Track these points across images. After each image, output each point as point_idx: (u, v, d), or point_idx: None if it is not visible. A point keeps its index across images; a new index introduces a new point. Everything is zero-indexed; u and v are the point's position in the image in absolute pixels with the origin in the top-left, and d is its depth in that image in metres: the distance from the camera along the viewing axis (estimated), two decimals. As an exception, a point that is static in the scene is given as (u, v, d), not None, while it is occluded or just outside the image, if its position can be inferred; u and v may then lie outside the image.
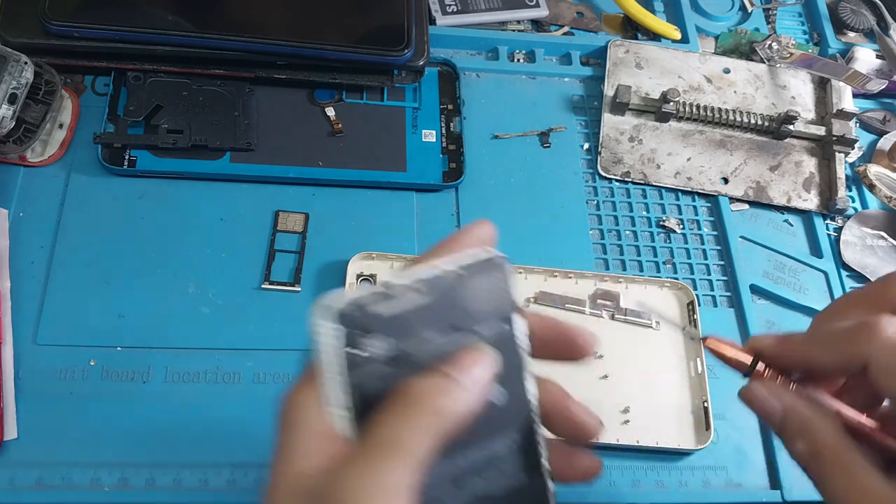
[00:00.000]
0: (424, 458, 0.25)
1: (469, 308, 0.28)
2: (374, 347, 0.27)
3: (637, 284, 0.48)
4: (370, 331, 0.27)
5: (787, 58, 0.59)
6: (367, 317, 0.27)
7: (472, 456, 0.28)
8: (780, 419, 0.32)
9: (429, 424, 0.25)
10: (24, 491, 0.38)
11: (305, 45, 0.49)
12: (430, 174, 0.50)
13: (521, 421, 0.29)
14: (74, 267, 0.44)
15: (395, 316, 0.27)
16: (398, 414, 0.25)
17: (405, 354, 0.27)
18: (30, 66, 0.45)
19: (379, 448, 0.25)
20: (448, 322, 0.28)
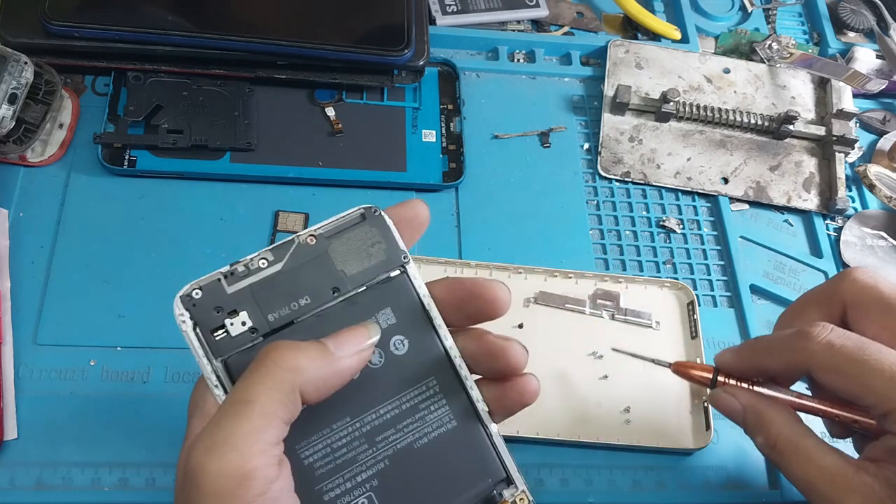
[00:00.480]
0: (278, 413, 0.25)
1: (344, 267, 0.28)
2: (232, 325, 0.27)
3: (637, 284, 0.48)
4: (223, 309, 0.27)
5: (787, 58, 0.59)
6: (215, 297, 0.27)
7: (382, 411, 0.28)
8: (741, 417, 0.36)
9: (279, 379, 0.25)
10: (24, 491, 0.38)
11: (305, 45, 0.49)
12: (430, 174, 0.50)
13: (438, 365, 0.29)
14: (74, 267, 0.44)
15: (245, 290, 0.28)
16: (252, 372, 0.26)
17: (279, 323, 0.28)
18: (30, 66, 0.45)
19: (230, 406, 0.25)
20: (323, 285, 0.28)
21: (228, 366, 0.27)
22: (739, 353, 0.38)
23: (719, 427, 0.45)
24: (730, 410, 0.37)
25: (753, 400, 0.36)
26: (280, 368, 0.25)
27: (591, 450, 0.43)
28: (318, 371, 0.26)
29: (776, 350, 0.36)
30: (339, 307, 0.28)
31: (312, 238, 0.28)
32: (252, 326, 0.27)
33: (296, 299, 0.28)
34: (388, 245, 0.29)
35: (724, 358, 0.38)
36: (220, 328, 0.27)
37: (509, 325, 0.46)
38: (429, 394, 0.29)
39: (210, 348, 0.27)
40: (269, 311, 0.28)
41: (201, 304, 0.27)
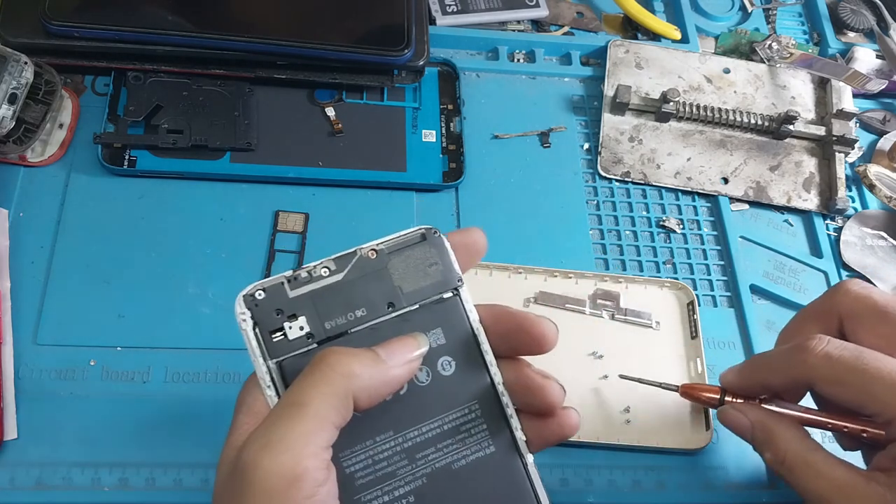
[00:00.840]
0: (331, 417, 0.25)
1: (401, 284, 0.29)
2: (290, 328, 0.28)
3: (637, 284, 0.48)
4: (283, 312, 0.28)
5: (787, 58, 0.59)
6: (277, 300, 0.28)
7: (424, 429, 0.28)
8: (750, 433, 0.37)
9: (333, 384, 0.26)
10: (24, 491, 0.38)
11: (305, 45, 0.49)
12: (430, 174, 0.50)
13: (482, 390, 0.29)
14: (74, 267, 0.44)
15: (306, 296, 0.28)
16: (308, 375, 0.26)
17: (335, 332, 0.28)
18: (30, 66, 0.45)
19: (285, 407, 0.26)
20: (379, 299, 0.29)
21: (282, 368, 0.28)
22: (742, 372, 0.38)
23: (719, 427, 0.45)
24: (738, 427, 0.37)
25: (761, 416, 0.36)
26: (335, 373, 0.26)
27: (591, 450, 0.43)
28: (370, 378, 0.26)
29: (776, 366, 0.36)
30: (393, 322, 0.29)
31: (374, 252, 0.29)
32: (309, 332, 0.28)
33: (352, 310, 0.28)
34: (444, 267, 0.30)
35: (728, 378, 0.39)
36: (278, 330, 0.28)
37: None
38: (470, 417, 0.29)
39: (266, 349, 0.28)
40: (326, 319, 0.28)
41: (263, 304, 0.28)
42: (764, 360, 0.38)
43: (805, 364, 0.34)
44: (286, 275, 0.28)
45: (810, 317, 0.39)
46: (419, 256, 0.29)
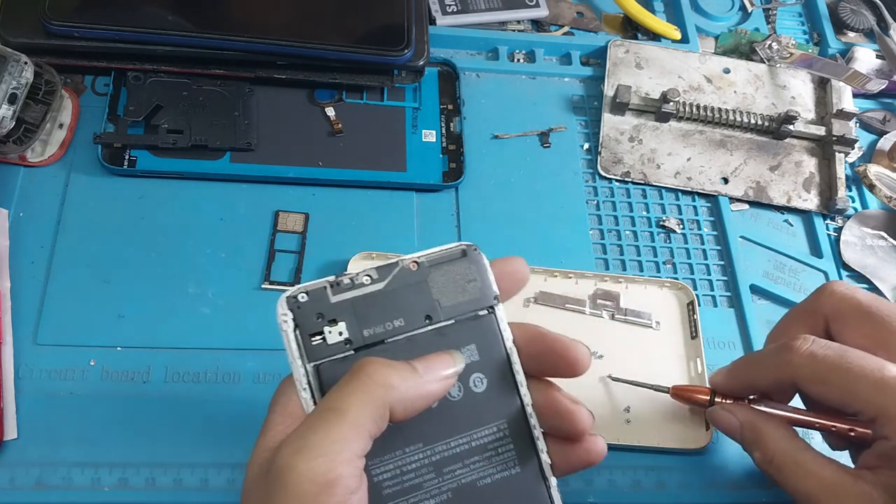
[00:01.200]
0: (367, 426, 0.26)
1: (439, 297, 0.29)
2: (330, 332, 0.28)
3: (637, 284, 0.48)
4: (324, 316, 0.28)
5: (787, 58, 0.59)
6: (319, 304, 0.28)
7: (453, 444, 0.29)
8: (739, 434, 0.37)
9: (372, 393, 0.26)
10: (24, 491, 0.38)
11: (305, 45, 0.49)
12: (430, 174, 0.50)
13: (510, 410, 0.29)
14: (74, 267, 0.44)
15: (347, 302, 0.28)
16: (347, 383, 0.26)
17: (372, 340, 0.28)
18: (30, 66, 0.45)
19: (323, 412, 0.26)
20: (417, 311, 0.29)
21: (319, 371, 0.28)
22: (730, 373, 0.39)
23: (719, 427, 0.45)
24: (728, 427, 0.37)
25: (750, 416, 0.37)
26: (374, 383, 0.26)
27: None
28: (406, 390, 0.27)
29: (763, 366, 0.37)
30: (429, 335, 0.29)
31: (415, 264, 0.29)
32: (347, 338, 0.28)
33: (391, 319, 0.29)
34: (482, 284, 0.30)
35: (717, 379, 0.39)
36: (317, 334, 0.28)
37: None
38: (499, 436, 0.29)
39: (305, 351, 0.28)
40: (364, 327, 0.28)
41: (305, 307, 0.28)
42: (751, 360, 0.39)
43: (790, 364, 0.35)
44: (329, 280, 0.28)
45: (797, 317, 0.39)
46: (458, 272, 0.30)
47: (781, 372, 0.36)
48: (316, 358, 0.28)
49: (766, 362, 0.37)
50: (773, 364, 0.36)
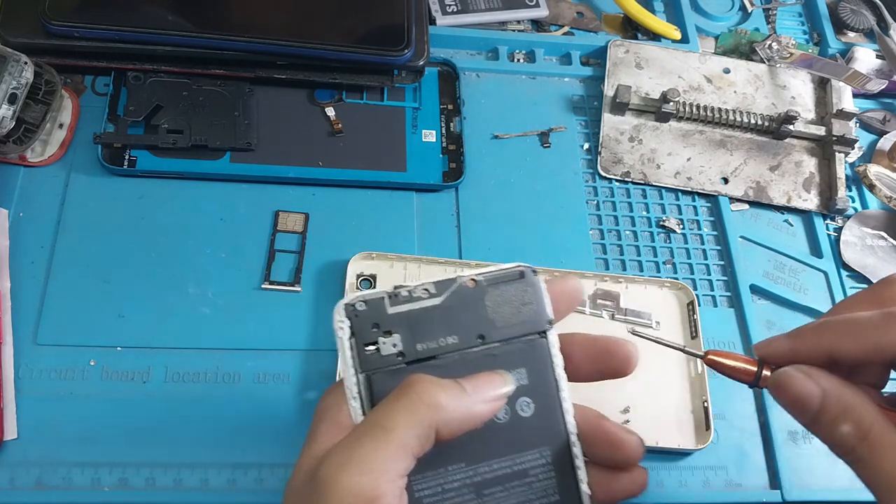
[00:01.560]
0: (412, 446, 0.25)
1: (494, 318, 0.29)
2: (384, 343, 0.28)
3: (637, 284, 0.48)
4: (380, 327, 0.28)
5: (787, 58, 0.59)
6: (376, 313, 0.28)
7: (495, 466, 0.29)
8: (818, 404, 0.30)
9: (419, 413, 0.26)
10: (24, 491, 0.38)
11: (305, 45, 0.49)
12: (430, 174, 0.50)
13: (555, 437, 0.29)
14: (74, 267, 0.44)
15: (403, 314, 0.28)
16: (395, 400, 0.26)
17: (424, 354, 0.28)
18: (30, 66, 0.45)
19: (369, 428, 0.26)
20: (471, 329, 0.29)
21: (370, 381, 0.28)
22: (801, 337, 0.31)
23: (719, 427, 0.45)
24: (803, 394, 0.30)
25: (836, 385, 0.30)
26: (422, 403, 0.26)
27: None
28: (454, 411, 0.26)
29: (858, 333, 0.30)
30: (480, 355, 0.29)
31: (473, 282, 0.29)
32: (401, 350, 0.28)
33: (444, 336, 0.29)
34: (537, 307, 0.29)
35: (772, 347, 0.32)
36: (372, 344, 0.28)
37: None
38: (541, 462, 0.29)
39: (358, 360, 0.28)
40: (418, 341, 0.28)
41: (362, 316, 0.28)
42: (838, 324, 0.31)
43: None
44: (387, 290, 0.28)
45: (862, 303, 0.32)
46: (514, 293, 0.29)
47: (884, 341, 0.29)
48: (368, 368, 0.28)
49: (863, 329, 0.30)
50: (872, 330, 0.29)
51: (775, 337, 0.32)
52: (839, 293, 0.51)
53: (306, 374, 0.43)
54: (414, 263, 0.47)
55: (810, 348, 0.31)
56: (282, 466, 0.41)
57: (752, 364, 0.31)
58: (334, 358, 0.43)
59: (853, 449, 0.29)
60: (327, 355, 0.44)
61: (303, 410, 0.42)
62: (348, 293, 0.28)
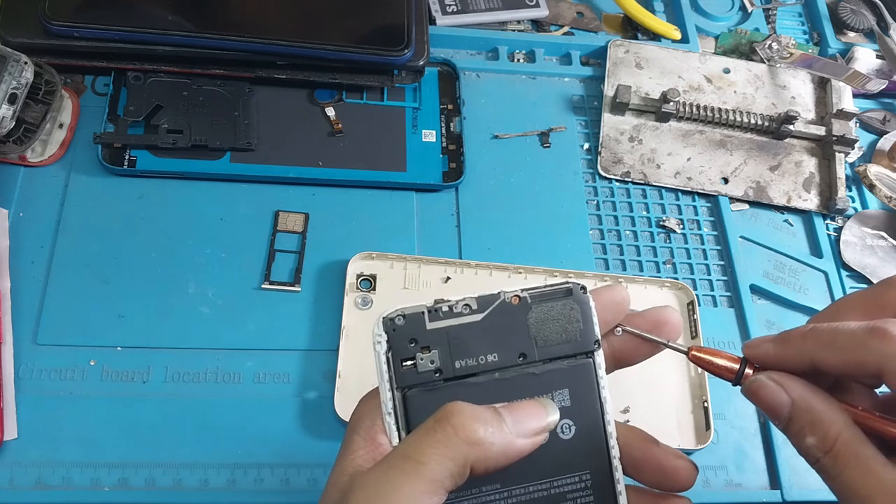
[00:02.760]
0: (445, 482, 0.25)
1: (537, 336, 0.28)
2: (422, 360, 0.27)
3: (637, 284, 0.48)
4: (418, 343, 0.27)
5: (787, 58, 0.59)
6: (414, 329, 0.27)
7: (532, 489, 0.28)
8: (787, 413, 0.30)
9: (455, 449, 0.25)
10: (23, 491, 0.38)
11: (305, 45, 0.49)
12: (430, 174, 0.50)
13: (596, 461, 0.28)
14: (74, 267, 0.44)
15: (442, 330, 0.27)
16: (431, 431, 0.25)
17: (462, 372, 0.27)
18: (30, 66, 0.45)
19: (401, 460, 0.25)
20: (513, 347, 0.28)
21: (406, 398, 0.27)
22: (786, 343, 0.31)
23: (719, 427, 0.45)
24: (772, 402, 0.30)
25: (806, 393, 0.29)
26: (459, 438, 0.25)
27: None
28: (492, 448, 0.25)
29: (839, 345, 0.29)
30: (521, 374, 0.28)
31: (517, 298, 0.28)
32: (438, 367, 0.27)
33: (484, 354, 0.27)
34: (585, 327, 0.28)
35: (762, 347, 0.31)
36: (409, 359, 0.27)
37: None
38: (580, 486, 0.28)
39: (395, 376, 0.27)
40: (457, 358, 0.27)
41: (401, 331, 0.27)
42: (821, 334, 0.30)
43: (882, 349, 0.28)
44: (427, 305, 0.27)
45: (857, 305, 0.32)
46: (561, 311, 0.28)
47: (864, 356, 0.28)
48: (405, 384, 0.27)
49: (845, 341, 0.29)
50: (855, 345, 0.29)
51: (764, 338, 0.31)
52: (839, 293, 0.51)
53: (306, 374, 0.43)
54: (414, 263, 0.47)
55: (793, 356, 0.30)
56: (282, 466, 0.41)
57: (734, 362, 0.31)
58: (334, 358, 0.43)
59: (817, 461, 0.29)
60: (327, 355, 0.44)
61: (303, 410, 0.42)
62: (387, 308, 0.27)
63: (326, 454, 0.41)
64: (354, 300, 0.45)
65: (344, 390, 0.42)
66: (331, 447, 0.41)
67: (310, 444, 0.41)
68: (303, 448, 0.41)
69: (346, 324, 0.44)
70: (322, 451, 0.41)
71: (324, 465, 0.41)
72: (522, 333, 0.28)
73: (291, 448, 0.41)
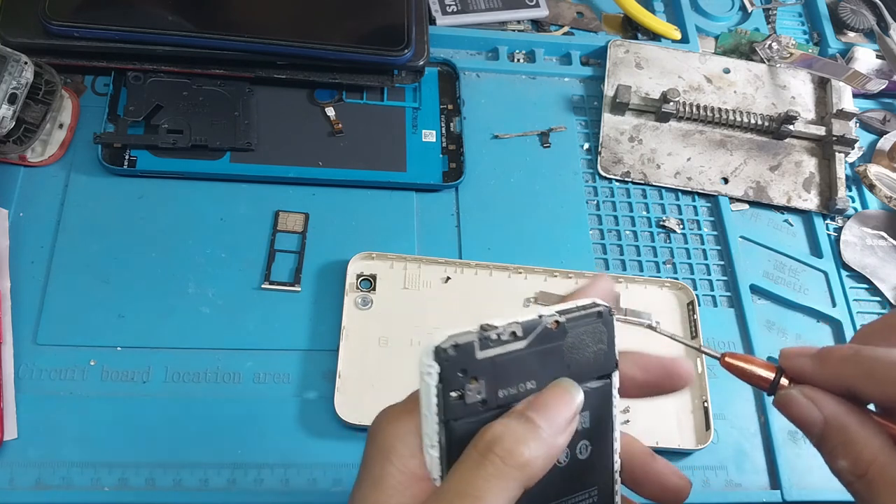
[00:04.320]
0: None
1: (570, 361, 0.27)
2: (470, 390, 0.26)
3: (637, 284, 0.48)
4: (467, 373, 0.26)
5: (787, 58, 0.59)
6: (464, 359, 0.26)
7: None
8: (819, 431, 0.28)
9: (508, 478, 0.24)
10: (23, 491, 0.38)
11: (305, 45, 0.49)
12: (430, 174, 0.50)
13: (603, 479, 0.28)
14: (74, 267, 0.44)
15: (489, 360, 0.26)
16: (480, 465, 0.25)
17: (504, 401, 0.27)
18: (30, 66, 0.45)
19: (458, 498, 0.24)
20: (548, 373, 0.27)
21: (449, 431, 0.26)
22: (825, 363, 0.29)
23: (719, 427, 0.45)
24: (804, 419, 0.28)
25: (840, 412, 0.28)
26: (509, 466, 0.24)
27: None
28: (539, 460, 0.25)
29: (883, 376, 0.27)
30: None
31: (556, 324, 0.27)
32: (484, 398, 0.26)
33: (524, 381, 0.27)
34: (608, 350, 0.28)
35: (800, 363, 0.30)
36: (457, 390, 0.26)
37: (509, 325, 0.46)
38: (589, 502, 0.28)
39: (443, 408, 0.26)
40: (500, 387, 0.26)
41: (452, 361, 0.26)
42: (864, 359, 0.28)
43: None
44: (476, 332, 0.26)
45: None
46: (591, 335, 0.28)
47: None
48: (451, 416, 0.26)
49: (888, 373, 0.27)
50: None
51: (802, 350, 0.30)
52: (839, 293, 0.51)
53: (306, 374, 0.43)
54: (414, 263, 0.47)
55: (831, 378, 0.29)
56: (282, 466, 0.41)
57: (770, 370, 0.30)
58: (334, 358, 0.43)
59: (850, 484, 0.28)
60: (327, 355, 0.44)
61: (303, 410, 0.42)
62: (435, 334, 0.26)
63: (326, 454, 0.41)
64: (354, 300, 0.45)
65: (344, 390, 0.42)
66: (331, 447, 0.41)
67: (310, 444, 0.41)
68: (303, 448, 0.41)
69: (346, 324, 0.44)
70: (322, 451, 0.41)
71: (323, 465, 0.41)
72: (557, 358, 0.27)
73: (291, 448, 0.41)
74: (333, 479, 0.41)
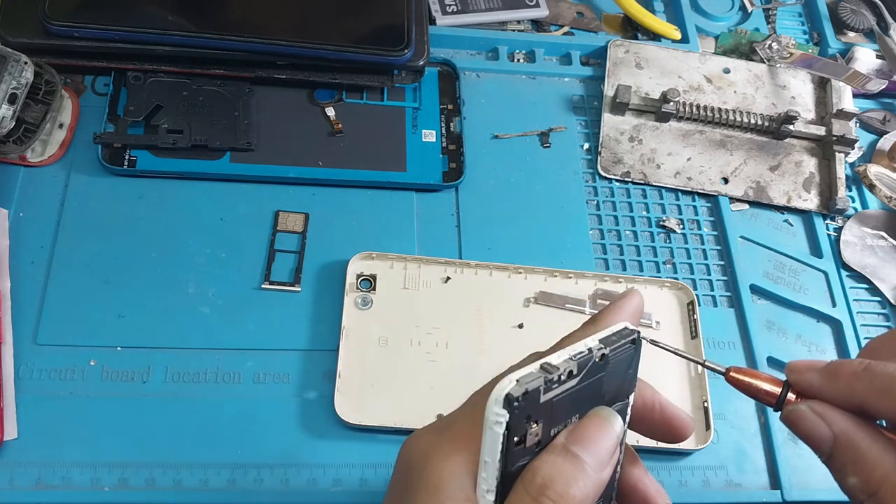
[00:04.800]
0: None
1: (607, 388, 0.27)
2: (530, 433, 0.25)
3: (637, 284, 0.48)
4: (531, 417, 0.25)
5: (787, 58, 0.59)
6: (530, 405, 0.25)
7: None
8: (829, 448, 0.27)
9: None
10: (23, 491, 0.38)
11: (305, 45, 0.49)
12: (430, 174, 0.50)
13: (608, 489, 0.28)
14: (74, 267, 0.44)
15: (548, 402, 0.26)
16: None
17: (552, 438, 0.26)
18: (30, 66, 0.45)
19: None
20: (589, 404, 0.27)
21: (505, 475, 0.25)
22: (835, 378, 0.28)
23: (719, 427, 0.45)
24: (813, 436, 0.28)
25: (850, 429, 0.27)
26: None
27: None
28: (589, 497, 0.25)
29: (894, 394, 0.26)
30: None
31: (602, 356, 0.26)
32: (539, 440, 0.25)
33: (571, 415, 0.26)
34: (633, 372, 0.28)
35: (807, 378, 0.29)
36: (520, 434, 0.25)
37: (509, 326, 0.46)
38: None
39: (506, 455, 0.25)
40: (553, 425, 0.26)
41: (520, 408, 0.24)
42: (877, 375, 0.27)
43: None
44: (539, 374, 0.25)
45: None
46: (624, 362, 0.27)
47: None
48: (511, 462, 0.25)
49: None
50: None
51: (810, 364, 0.29)
52: (839, 293, 0.51)
53: (306, 374, 0.43)
54: (414, 263, 0.47)
55: (841, 395, 0.28)
56: (281, 466, 0.41)
57: (776, 386, 0.29)
58: (334, 358, 0.43)
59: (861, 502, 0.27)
60: (327, 355, 0.44)
61: (303, 410, 0.42)
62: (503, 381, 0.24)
63: (326, 454, 0.41)
64: (354, 300, 0.45)
65: (344, 390, 0.42)
66: (331, 447, 0.41)
67: (310, 444, 0.41)
68: (303, 448, 0.41)
69: (346, 324, 0.44)
70: (322, 451, 0.41)
71: (323, 466, 0.41)
72: (598, 390, 0.27)
73: (291, 448, 0.41)
74: (333, 479, 0.41)
